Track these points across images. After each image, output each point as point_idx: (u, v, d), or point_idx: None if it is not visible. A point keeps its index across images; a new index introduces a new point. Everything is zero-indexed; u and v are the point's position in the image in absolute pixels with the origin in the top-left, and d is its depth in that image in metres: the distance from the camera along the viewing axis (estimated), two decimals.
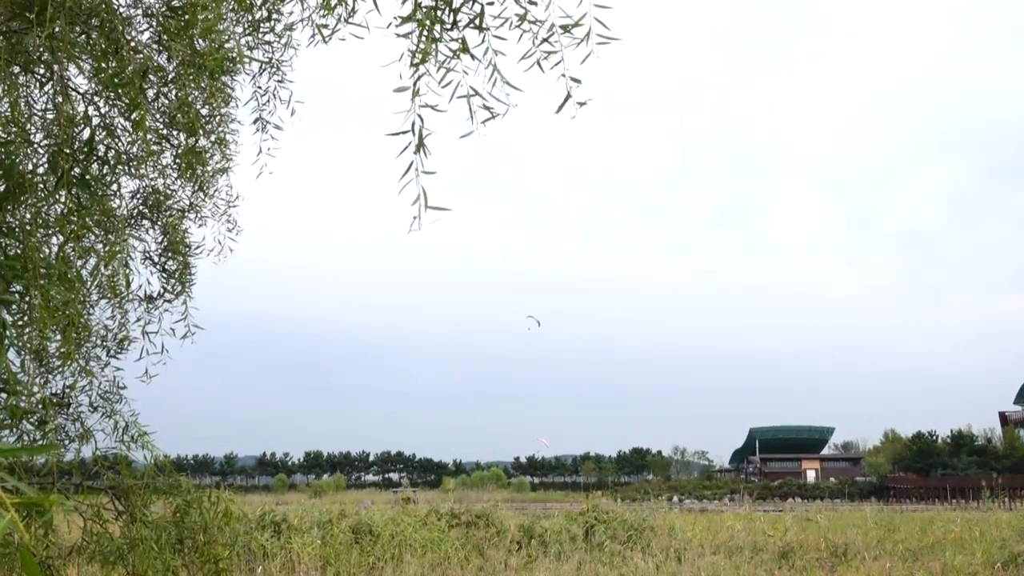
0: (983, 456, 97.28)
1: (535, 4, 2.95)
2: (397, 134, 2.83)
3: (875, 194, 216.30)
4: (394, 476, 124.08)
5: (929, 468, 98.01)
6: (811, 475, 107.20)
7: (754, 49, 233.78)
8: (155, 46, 5.18)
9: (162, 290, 6.49)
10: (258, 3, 5.74)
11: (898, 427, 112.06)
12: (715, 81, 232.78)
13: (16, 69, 4.98)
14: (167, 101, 5.43)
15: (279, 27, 5.90)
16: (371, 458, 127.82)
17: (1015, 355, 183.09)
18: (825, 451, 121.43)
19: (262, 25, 5.85)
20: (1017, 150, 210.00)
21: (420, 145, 2.82)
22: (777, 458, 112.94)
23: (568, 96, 3.01)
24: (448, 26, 2.88)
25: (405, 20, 2.86)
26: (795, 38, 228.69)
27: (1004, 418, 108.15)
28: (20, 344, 4.26)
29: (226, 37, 5.26)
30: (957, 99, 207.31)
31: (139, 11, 5.20)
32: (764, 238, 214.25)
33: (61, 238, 4.49)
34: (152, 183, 6.25)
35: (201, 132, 5.98)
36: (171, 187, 6.39)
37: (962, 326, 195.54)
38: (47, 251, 4.66)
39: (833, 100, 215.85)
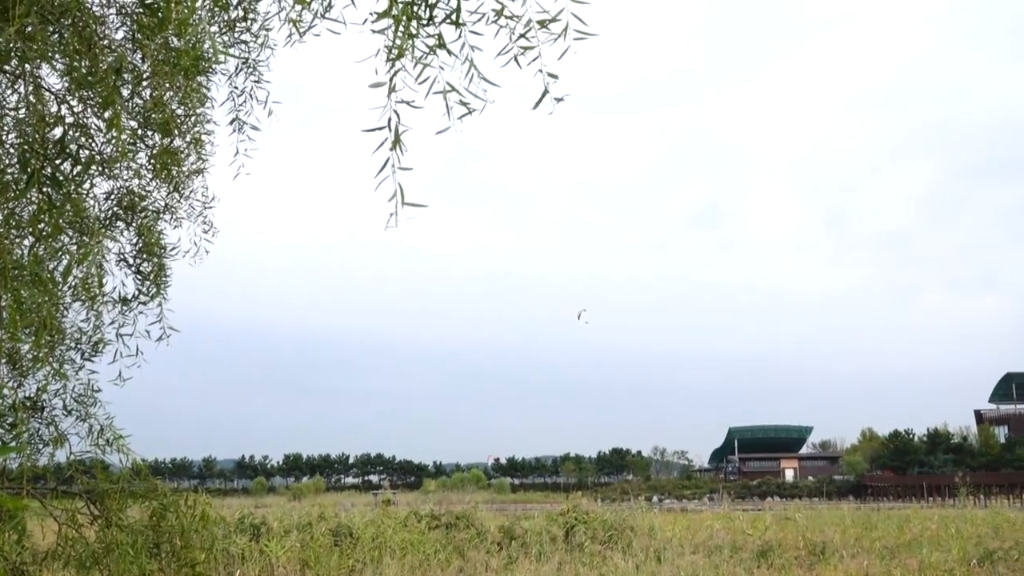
0: (959, 454, 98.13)
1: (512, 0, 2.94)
2: (373, 130, 2.81)
3: (851, 194, 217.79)
4: (374, 478, 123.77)
5: (906, 466, 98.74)
6: (789, 474, 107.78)
7: (729, 49, 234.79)
8: (129, 44, 5.12)
9: (137, 292, 6.43)
10: (234, 2, 5.69)
11: (875, 426, 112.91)
12: (690, 81, 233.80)
13: None
14: (141, 101, 5.37)
15: (255, 27, 5.86)
16: (351, 460, 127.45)
17: (990, 354, 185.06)
18: (803, 450, 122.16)
19: (238, 24, 5.81)
20: (992, 151, 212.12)
21: (396, 141, 2.79)
22: (756, 457, 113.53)
23: (545, 91, 3.00)
24: (424, 21, 2.86)
25: (381, 16, 2.84)
26: (770, 39, 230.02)
27: (979, 416, 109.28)
28: None
29: (202, 36, 5.21)
30: (933, 100, 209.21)
31: (112, 9, 5.14)
32: (741, 238, 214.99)
33: (33, 239, 4.44)
34: (126, 184, 6.18)
35: (176, 132, 5.93)
36: (146, 188, 6.32)
37: (938, 326, 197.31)
38: (19, 252, 4.59)
39: (809, 101, 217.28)
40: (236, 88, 6.08)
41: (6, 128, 4.97)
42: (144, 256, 6.42)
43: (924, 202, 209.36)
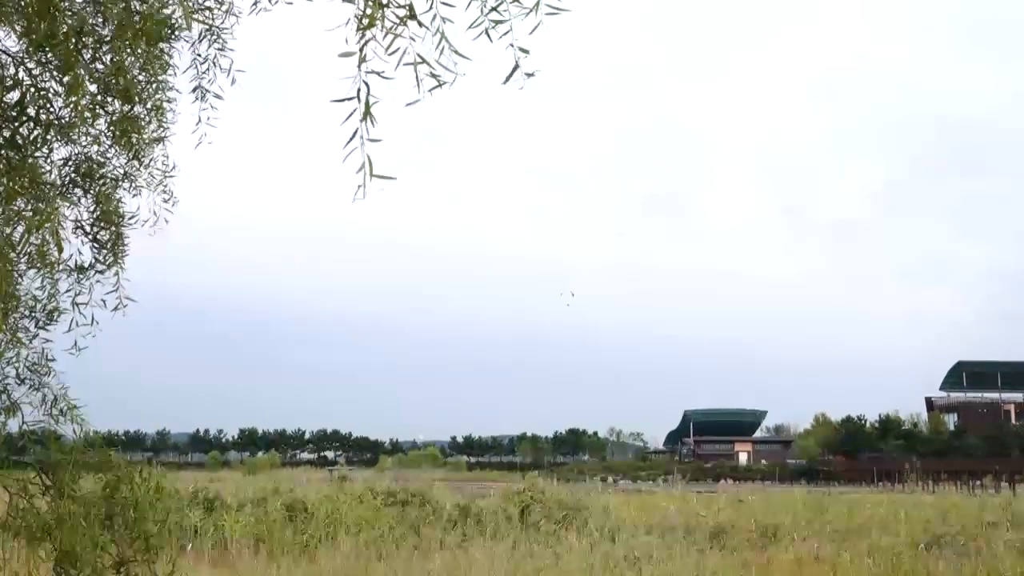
0: (909, 440, 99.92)
1: None
2: (342, 100, 2.77)
3: (808, 183, 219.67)
4: (330, 454, 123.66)
5: (857, 451, 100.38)
6: (743, 457, 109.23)
7: (689, 38, 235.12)
8: (90, 8, 5.01)
9: (94, 261, 6.31)
10: None
11: (828, 411, 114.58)
12: (649, 68, 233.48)
13: None
14: (102, 66, 5.27)
15: None
16: (307, 436, 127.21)
17: (942, 343, 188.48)
18: (757, 434, 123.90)
19: None
20: (946, 144, 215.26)
21: (367, 113, 2.76)
22: (710, 440, 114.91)
23: (516, 66, 2.98)
24: None
25: None
26: (731, 28, 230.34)
27: (930, 403, 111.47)
28: None
29: (165, 1, 5.11)
30: (890, 92, 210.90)
31: None
32: (699, 224, 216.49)
33: None
34: (85, 150, 6.06)
35: (137, 99, 5.82)
36: (105, 155, 6.20)
37: (891, 314, 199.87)
38: None
39: (767, 90, 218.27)
40: (199, 55, 5.96)
41: None
42: (102, 224, 6.30)
43: (879, 192, 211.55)
